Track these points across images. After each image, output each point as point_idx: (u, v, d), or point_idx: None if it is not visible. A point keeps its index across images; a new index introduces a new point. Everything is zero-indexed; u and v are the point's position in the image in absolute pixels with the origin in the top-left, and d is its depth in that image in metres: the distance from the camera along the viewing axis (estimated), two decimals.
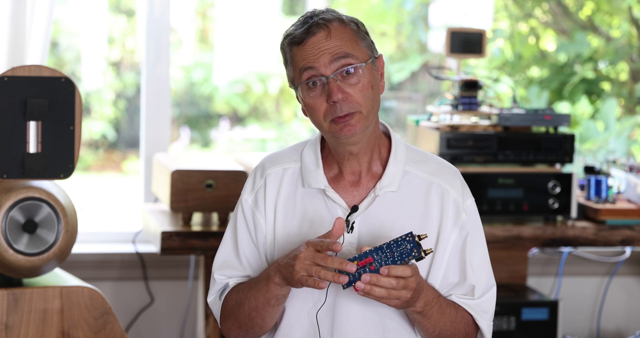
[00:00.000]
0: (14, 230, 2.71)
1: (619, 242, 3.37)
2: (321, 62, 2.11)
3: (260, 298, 2.16)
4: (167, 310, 3.78)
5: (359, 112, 2.13)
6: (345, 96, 2.12)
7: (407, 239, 2.03)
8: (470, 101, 3.41)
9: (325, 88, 2.12)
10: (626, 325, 4.09)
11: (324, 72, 2.11)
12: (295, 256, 2.07)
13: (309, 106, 2.15)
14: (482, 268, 2.24)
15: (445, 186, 2.22)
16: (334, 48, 2.12)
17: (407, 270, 2.03)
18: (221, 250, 2.30)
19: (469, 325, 2.23)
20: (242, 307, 2.20)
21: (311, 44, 2.12)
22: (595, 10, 5.03)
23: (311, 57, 2.12)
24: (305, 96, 2.14)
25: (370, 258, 2.03)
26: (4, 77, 2.69)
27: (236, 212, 2.30)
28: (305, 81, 2.13)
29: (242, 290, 2.22)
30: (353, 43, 2.14)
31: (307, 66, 2.12)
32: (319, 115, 2.14)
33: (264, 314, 2.18)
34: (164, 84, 3.81)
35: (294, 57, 2.15)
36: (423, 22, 5.10)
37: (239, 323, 2.23)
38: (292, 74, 2.17)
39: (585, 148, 4.55)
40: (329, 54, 2.11)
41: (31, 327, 2.71)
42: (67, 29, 5.70)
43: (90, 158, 6.04)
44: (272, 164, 2.28)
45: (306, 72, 2.13)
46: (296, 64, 2.15)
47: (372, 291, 2.03)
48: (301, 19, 2.17)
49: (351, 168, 2.22)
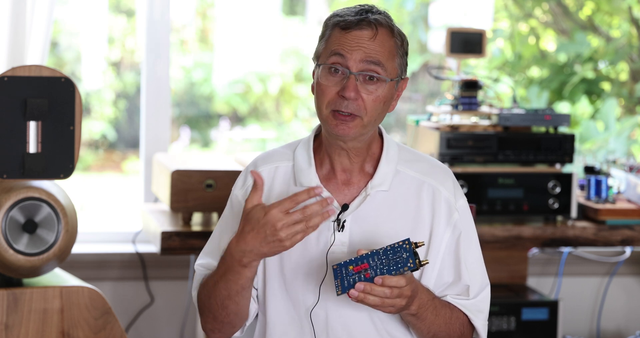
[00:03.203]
0: (14, 230, 2.71)
1: (619, 242, 3.37)
2: (354, 56, 2.12)
3: (233, 286, 2.13)
4: (167, 310, 3.78)
5: (360, 118, 2.13)
6: (357, 98, 2.12)
7: (404, 246, 2.03)
8: (470, 101, 3.41)
9: (344, 81, 2.12)
10: (626, 325, 4.09)
11: (351, 66, 2.12)
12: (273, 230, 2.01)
13: (319, 87, 2.16)
14: (476, 268, 2.24)
15: (436, 185, 2.22)
16: (371, 51, 2.13)
17: (402, 280, 2.03)
18: (208, 243, 2.30)
19: (464, 325, 2.23)
20: (213, 299, 2.17)
21: (354, 36, 2.13)
22: (595, 10, 5.03)
23: (347, 47, 2.13)
24: (322, 76, 2.15)
25: (366, 264, 2.03)
26: (4, 77, 2.69)
27: (226, 207, 2.30)
28: (330, 63, 2.14)
29: (208, 284, 2.19)
30: (389, 56, 2.15)
31: (339, 52, 2.13)
32: (324, 100, 2.15)
33: (237, 300, 2.15)
34: (164, 84, 3.81)
35: (332, 37, 2.16)
36: (423, 22, 5.09)
37: (214, 315, 2.20)
38: (321, 50, 2.18)
39: (585, 148, 4.54)
40: (364, 54, 2.12)
41: (31, 327, 2.71)
42: (67, 29, 5.70)
43: (90, 158, 6.04)
44: (264, 162, 2.28)
45: (335, 57, 2.13)
46: (330, 44, 2.15)
47: (366, 300, 2.02)
48: (356, 8, 2.17)
49: (342, 165, 2.21)
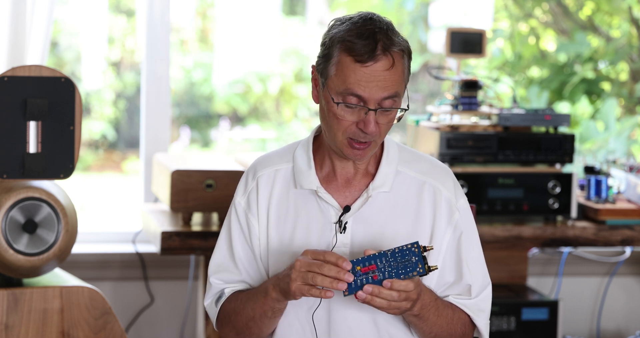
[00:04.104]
0: (14, 230, 2.71)
1: (619, 242, 3.37)
2: (373, 96, 2.05)
3: (258, 310, 2.16)
4: (167, 310, 3.78)
5: (374, 142, 2.12)
6: (375, 128, 2.09)
7: (412, 249, 2.02)
8: (470, 101, 3.40)
9: (361, 113, 2.07)
10: (626, 325, 4.09)
11: (370, 105, 2.07)
12: (292, 265, 2.06)
13: (334, 116, 2.09)
14: (477, 267, 2.23)
15: (437, 185, 2.21)
16: (389, 86, 2.06)
17: (410, 285, 2.03)
18: (216, 253, 2.29)
19: (466, 325, 2.22)
20: (239, 316, 2.20)
21: (370, 70, 2.05)
22: (595, 10, 5.03)
23: (363, 86, 2.05)
24: (339, 111, 2.09)
25: (373, 265, 2.02)
26: (4, 77, 2.69)
27: (229, 215, 2.28)
28: (348, 103, 2.07)
29: (240, 300, 2.21)
30: (402, 83, 2.10)
31: (357, 93, 2.06)
32: (339, 128, 2.10)
33: (260, 325, 2.19)
34: (164, 84, 3.81)
35: (343, 66, 2.06)
36: (423, 22, 5.09)
37: (237, 331, 2.23)
38: (331, 74, 2.08)
39: (585, 148, 4.54)
40: (382, 90, 2.05)
41: (31, 327, 2.71)
42: (67, 29, 5.70)
43: (90, 158, 6.04)
44: (263, 166, 2.26)
45: (352, 97, 2.07)
46: (344, 77, 2.06)
47: (373, 302, 2.03)
48: (360, 25, 2.07)
49: (344, 168, 2.21)
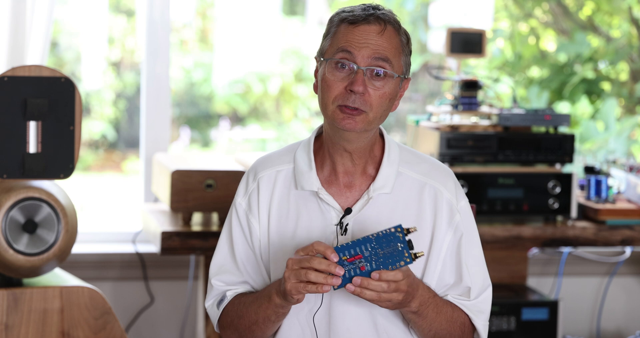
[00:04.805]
0: (14, 230, 2.71)
1: (619, 242, 3.37)
2: (362, 52, 2.11)
3: (261, 314, 2.17)
4: (167, 310, 3.78)
5: (366, 113, 2.12)
6: (364, 92, 2.10)
7: (396, 233, 2.03)
8: (470, 101, 3.41)
9: (351, 76, 2.11)
10: (626, 325, 4.09)
11: (359, 62, 2.11)
12: (285, 266, 2.07)
13: (325, 82, 2.13)
14: (477, 269, 2.23)
15: (438, 187, 2.21)
16: (379, 47, 2.11)
17: (399, 274, 2.03)
18: (217, 255, 2.29)
19: (465, 325, 2.22)
20: (242, 319, 2.21)
21: (362, 30, 2.12)
22: (595, 10, 5.03)
23: (355, 44, 2.11)
24: (329, 72, 2.13)
25: (359, 255, 2.03)
26: (4, 77, 2.69)
27: (230, 216, 2.28)
28: (337, 59, 2.12)
29: (243, 303, 2.21)
30: (396, 52, 2.14)
31: (347, 49, 2.11)
32: (330, 95, 2.13)
33: (264, 328, 2.19)
34: (164, 84, 3.81)
35: (338, 33, 2.14)
36: (423, 22, 5.09)
37: (239, 333, 2.24)
38: (327, 47, 2.16)
39: (585, 148, 4.54)
40: (372, 50, 2.11)
41: (31, 327, 2.71)
42: (67, 29, 5.70)
43: (90, 158, 6.04)
44: (264, 167, 2.26)
45: (342, 53, 2.12)
46: (337, 40, 2.14)
47: (363, 294, 2.03)
48: (362, 6, 2.16)
49: (345, 167, 2.20)
